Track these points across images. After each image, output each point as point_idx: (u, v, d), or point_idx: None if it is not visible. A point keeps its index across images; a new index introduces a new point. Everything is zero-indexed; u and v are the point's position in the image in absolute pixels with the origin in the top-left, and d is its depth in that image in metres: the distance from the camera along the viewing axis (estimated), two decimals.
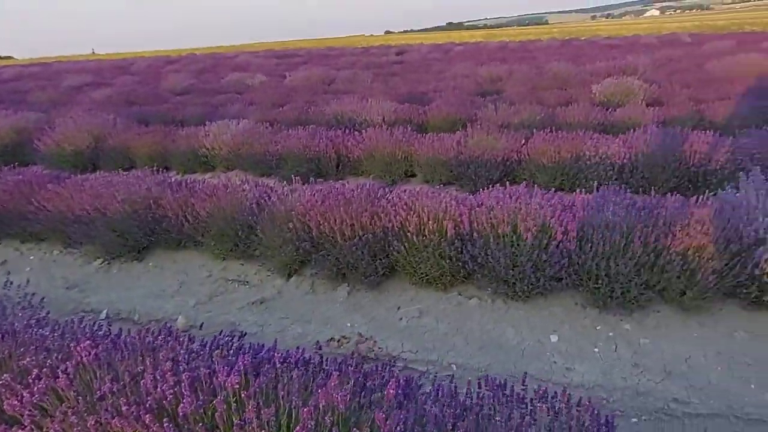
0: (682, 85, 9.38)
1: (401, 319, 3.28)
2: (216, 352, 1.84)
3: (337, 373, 1.67)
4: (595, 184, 3.79)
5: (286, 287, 3.71)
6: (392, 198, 3.61)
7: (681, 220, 3.04)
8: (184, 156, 6.41)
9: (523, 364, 2.85)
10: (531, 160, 5.15)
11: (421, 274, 3.40)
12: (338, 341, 3.13)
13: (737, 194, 3.18)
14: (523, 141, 5.38)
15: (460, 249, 3.26)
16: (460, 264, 3.29)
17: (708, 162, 4.77)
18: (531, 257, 3.09)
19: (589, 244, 3.05)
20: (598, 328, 3.05)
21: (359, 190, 3.71)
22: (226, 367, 1.74)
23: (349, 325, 3.27)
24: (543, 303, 3.27)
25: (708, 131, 5.29)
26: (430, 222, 3.30)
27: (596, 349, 2.90)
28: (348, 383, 1.64)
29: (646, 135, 5.13)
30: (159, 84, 13.90)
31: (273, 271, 3.80)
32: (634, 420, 2.50)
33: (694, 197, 3.29)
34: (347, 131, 6.15)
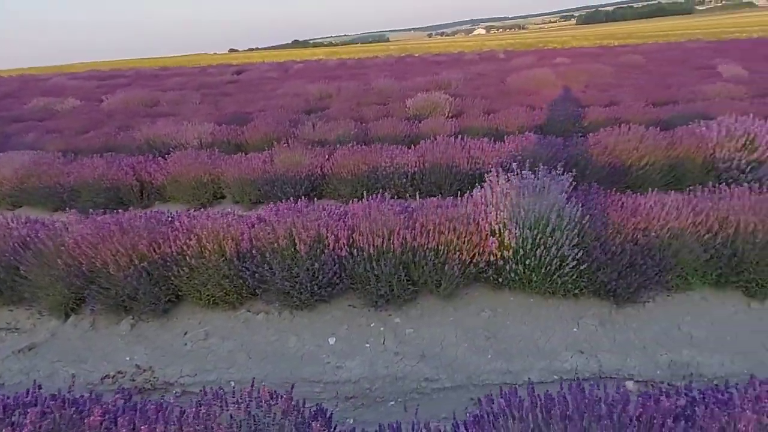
0: (483, 97, 10.56)
1: (186, 344, 3.26)
2: None
3: (37, 409, 1.63)
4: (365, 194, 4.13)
5: (62, 328, 3.46)
6: (174, 223, 3.57)
7: (434, 220, 3.45)
8: None
9: (300, 368, 3.01)
10: (334, 174, 5.44)
11: (208, 296, 3.42)
12: (113, 377, 3.01)
13: (479, 192, 3.71)
14: (327, 156, 5.66)
15: (239, 267, 3.34)
16: (241, 282, 3.37)
17: (483, 165, 5.47)
18: (306, 267, 3.28)
19: (356, 249, 3.33)
20: (372, 325, 3.34)
21: (138, 218, 3.61)
22: None
23: (128, 358, 3.16)
24: (326, 309, 3.49)
25: (490, 138, 6.11)
26: (209, 244, 3.34)
27: (368, 345, 3.17)
28: (48, 418, 1.62)
29: (433, 145, 5.72)
30: None
31: (46, 313, 3.52)
32: (392, 403, 2.78)
33: (449, 198, 3.77)
34: (152, 156, 5.91)
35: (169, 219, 3.73)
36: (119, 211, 3.84)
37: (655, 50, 22.11)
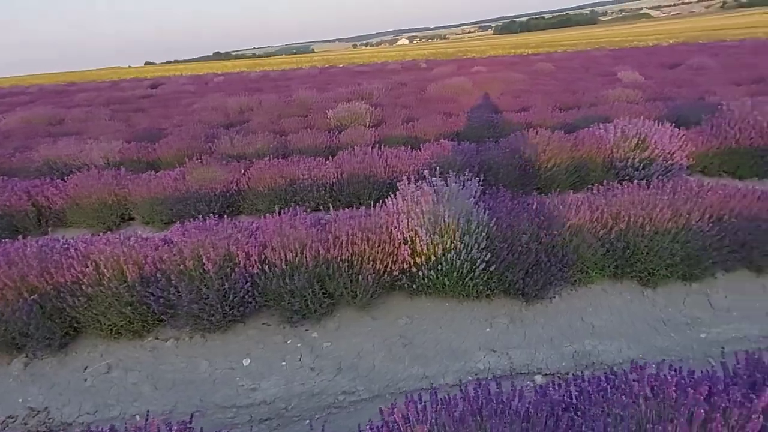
0: (404, 106, 10.75)
1: (86, 379, 3.04)
2: None
3: None
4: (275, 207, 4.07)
5: None
6: (69, 250, 3.33)
7: (347, 231, 3.44)
8: None
9: (212, 394, 2.89)
10: (250, 189, 5.32)
11: (109, 326, 3.21)
12: (2, 423, 2.75)
13: (392, 201, 3.75)
14: (243, 171, 5.52)
15: (143, 293, 3.17)
16: (146, 308, 3.20)
17: (400, 173, 5.55)
18: (215, 287, 3.16)
19: (268, 265, 3.26)
20: (288, 342, 3.27)
21: (29, 246, 3.34)
22: None
23: (21, 400, 2.90)
24: (240, 329, 3.38)
25: (410, 146, 6.23)
26: (107, 270, 3.14)
27: (284, 363, 3.10)
28: None
29: (351, 155, 5.74)
30: None
31: None
32: (307, 421, 2.73)
33: (362, 209, 3.79)
34: (50, 179, 5.51)
35: (65, 246, 3.48)
36: (7, 240, 3.53)
37: (564, 58, 23.54)
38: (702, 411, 1.52)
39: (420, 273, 3.37)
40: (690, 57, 16.68)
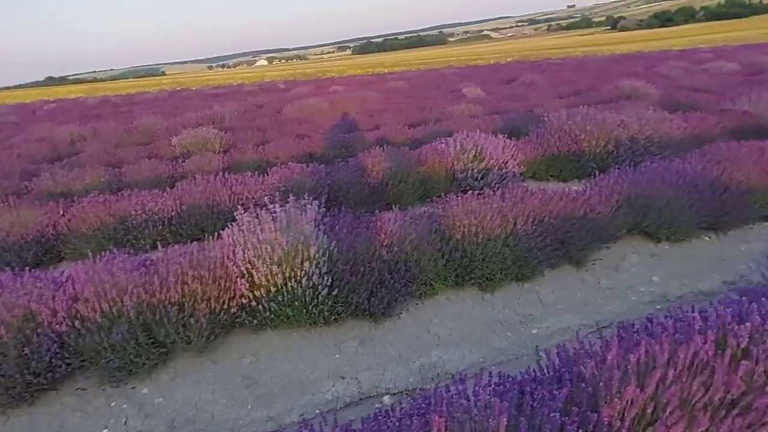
0: (258, 129, 10.44)
1: None
2: None
3: None
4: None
5: None
6: None
7: (176, 270, 3.15)
8: None
9: None
10: (71, 232, 4.70)
11: None
12: None
13: (227, 232, 3.53)
14: (62, 211, 4.87)
15: None
16: None
17: (246, 200, 5.31)
18: (13, 354, 2.68)
19: (80, 320, 2.85)
20: (112, 404, 2.87)
21: None
22: None
23: None
24: (53, 397, 2.90)
25: (262, 170, 6.03)
26: None
27: (106, 430, 2.71)
28: None
29: (191, 185, 5.36)
30: None
31: None
32: None
33: (194, 243, 3.51)
34: None
35: None
36: None
37: (417, 76, 24.88)
38: (505, 420, 1.56)
39: (260, 306, 3.19)
40: (523, 74, 18.59)
